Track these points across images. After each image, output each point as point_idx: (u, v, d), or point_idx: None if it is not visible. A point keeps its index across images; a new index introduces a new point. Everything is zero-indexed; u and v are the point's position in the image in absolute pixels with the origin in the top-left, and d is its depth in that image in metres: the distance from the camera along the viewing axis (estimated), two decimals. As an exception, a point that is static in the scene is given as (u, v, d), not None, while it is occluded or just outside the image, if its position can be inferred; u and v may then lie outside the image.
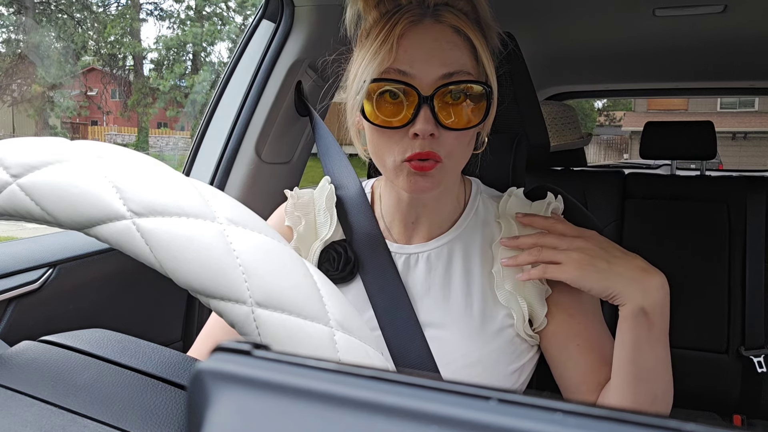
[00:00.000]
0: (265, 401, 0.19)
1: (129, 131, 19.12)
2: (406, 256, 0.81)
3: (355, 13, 0.76)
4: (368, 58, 0.69)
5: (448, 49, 0.69)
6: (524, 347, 0.78)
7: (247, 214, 0.40)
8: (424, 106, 0.68)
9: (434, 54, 0.69)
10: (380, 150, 0.73)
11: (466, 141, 0.72)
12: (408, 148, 0.69)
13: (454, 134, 0.70)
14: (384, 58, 0.68)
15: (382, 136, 0.71)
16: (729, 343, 1.66)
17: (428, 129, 0.68)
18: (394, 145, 0.70)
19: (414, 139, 0.69)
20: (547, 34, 1.72)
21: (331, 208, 0.84)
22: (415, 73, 0.68)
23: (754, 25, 1.55)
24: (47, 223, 0.39)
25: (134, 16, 19.02)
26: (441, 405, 0.17)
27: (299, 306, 0.37)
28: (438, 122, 0.68)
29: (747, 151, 20.80)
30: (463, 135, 0.71)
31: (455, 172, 0.76)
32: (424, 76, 0.68)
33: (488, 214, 0.83)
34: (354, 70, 0.73)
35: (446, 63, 0.69)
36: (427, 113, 0.68)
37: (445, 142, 0.70)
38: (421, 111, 0.68)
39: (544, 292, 0.77)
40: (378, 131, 0.71)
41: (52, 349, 0.43)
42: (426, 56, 0.68)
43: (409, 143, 0.69)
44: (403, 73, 0.68)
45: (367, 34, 0.73)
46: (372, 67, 0.69)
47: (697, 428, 0.16)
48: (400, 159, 0.70)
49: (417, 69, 0.68)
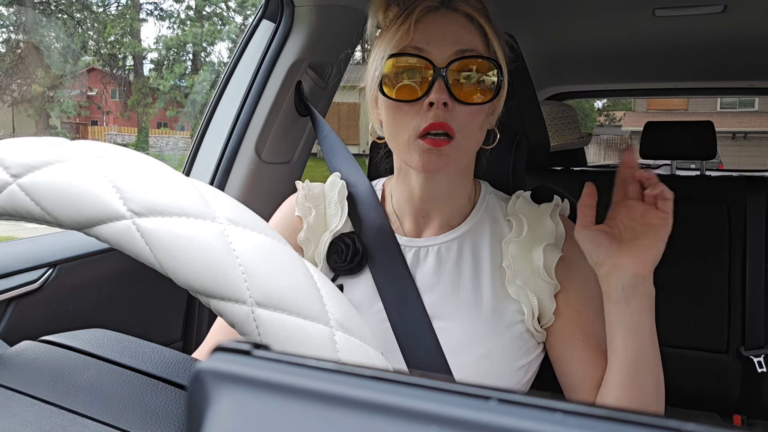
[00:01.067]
0: (265, 401, 0.19)
1: (129, 131, 19.12)
2: (416, 249, 0.81)
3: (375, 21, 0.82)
4: (387, 40, 0.75)
5: (461, 32, 0.74)
6: (532, 344, 0.78)
7: (247, 214, 0.40)
8: (439, 78, 0.72)
9: (448, 33, 0.73)
10: (396, 127, 0.75)
11: (478, 123, 0.75)
12: (422, 121, 0.72)
13: (467, 110, 0.73)
14: (402, 37, 0.73)
15: (399, 112, 0.75)
16: (729, 343, 1.66)
17: (442, 98, 0.71)
18: (410, 120, 0.73)
19: (428, 111, 0.72)
20: (547, 34, 1.72)
21: (343, 200, 0.86)
22: (430, 50, 0.73)
23: (754, 25, 1.55)
24: (47, 223, 0.39)
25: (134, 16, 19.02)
26: (441, 405, 0.17)
27: (299, 306, 0.37)
28: (451, 95, 0.72)
29: (747, 151, 20.79)
30: (475, 113, 0.74)
31: (467, 155, 0.78)
32: (439, 51, 0.72)
33: (497, 212, 0.84)
34: (373, 55, 0.78)
35: (459, 42, 0.73)
36: (441, 84, 0.71)
37: (459, 116, 0.73)
38: (435, 82, 0.72)
39: (553, 288, 0.77)
40: (394, 108, 0.75)
41: (52, 349, 0.43)
42: (440, 35, 0.73)
43: (424, 116, 0.72)
44: (419, 49, 0.73)
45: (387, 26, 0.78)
46: (390, 46, 0.74)
47: (697, 428, 0.16)
48: (415, 134, 0.73)
49: (432, 46, 0.73)
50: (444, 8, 0.75)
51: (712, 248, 1.69)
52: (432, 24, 0.74)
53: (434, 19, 0.74)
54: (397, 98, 0.74)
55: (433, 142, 0.72)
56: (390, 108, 0.75)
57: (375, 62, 0.76)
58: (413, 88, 0.73)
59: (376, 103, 0.81)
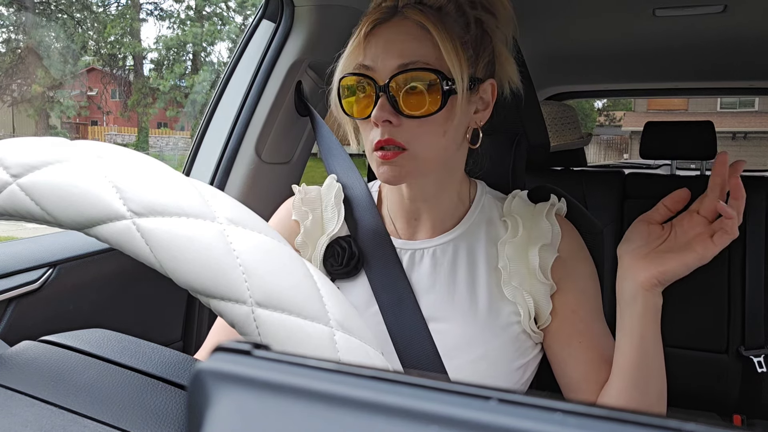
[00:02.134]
0: (265, 401, 0.19)
1: (129, 131, 19.12)
2: (412, 252, 0.81)
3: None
4: (343, 58, 0.76)
5: (407, 41, 0.72)
6: (529, 344, 0.78)
7: (247, 214, 0.40)
8: (381, 94, 0.72)
9: (393, 47, 0.73)
10: (363, 140, 0.78)
11: (435, 130, 0.73)
12: (375, 137, 0.73)
13: (417, 122, 0.72)
14: (353, 55, 0.75)
15: (360, 127, 0.78)
16: (729, 343, 1.66)
17: (383, 116, 0.71)
18: (367, 135, 0.75)
19: (376, 127, 0.73)
20: (547, 34, 1.72)
21: (339, 204, 0.86)
22: (375, 66, 0.73)
23: (754, 25, 1.55)
24: (47, 223, 0.39)
25: (134, 16, 19.01)
26: (441, 405, 0.17)
27: (299, 306, 0.37)
28: (397, 110, 0.72)
29: (747, 151, 20.78)
30: (427, 123, 0.73)
31: (428, 162, 0.75)
32: (382, 68, 0.72)
33: (493, 213, 0.84)
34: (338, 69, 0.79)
35: (403, 54, 0.72)
36: (383, 101, 0.72)
37: (408, 129, 0.72)
38: (378, 100, 0.72)
39: (549, 288, 0.77)
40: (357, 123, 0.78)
41: (52, 349, 0.43)
42: (385, 49, 0.73)
43: (375, 132, 0.73)
44: (366, 67, 0.74)
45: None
46: (344, 65, 0.76)
47: (697, 428, 0.16)
48: (370, 148, 0.74)
49: (377, 62, 0.73)
50: (397, 17, 0.73)
51: (712, 248, 1.68)
52: (380, 38, 0.73)
53: (383, 31, 0.73)
54: (351, 115, 0.76)
55: (383, 155, 0.73)
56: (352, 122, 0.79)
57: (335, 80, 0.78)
58: (364, 105, 0.74)
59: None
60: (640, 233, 0.70)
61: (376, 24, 0.74)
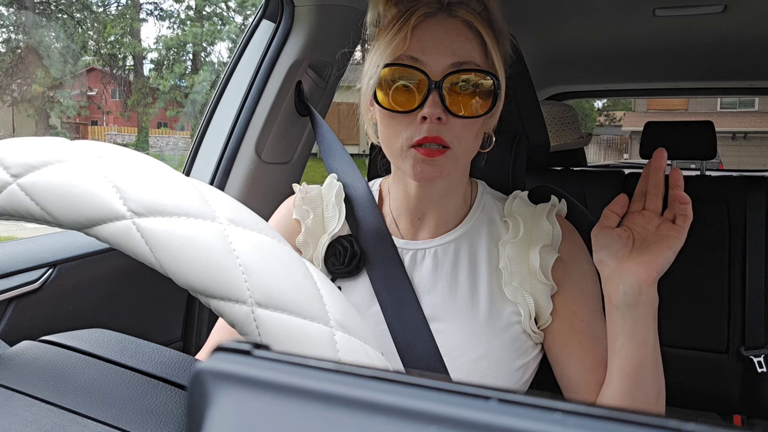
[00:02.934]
0: (265, 401, 0.19)
1: (129, 131, 19.11)
2: (413, 252, 0.81)
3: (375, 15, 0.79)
4: (383, 46, 0.73)
5: (459, 41, 0.72)
6: (529, 344, 0.78)
7: (248, 214, 0.40)
8: (433, 91, 0.70)
9: (445, 44, 0.72)
10: (389, 135, 0.75)
11: (474, 132, 0.74)
12: (416, 133, 0.72)
13: (462, 122, 0.72)
14: (398, 45, 0.71)
15: (392, 121, 0.74)
16: (729, 343, 1.66)
17: (436, 112, 0.70)
18: (403, 130, 0.73)
19: (422, 124, 0.71)
20: (548, 34, 1.72)
21: (340, 203, 0.86)
22: (426, 60, 0.71)
23: (754, 25, 1.55)
24: (47, 223, 0.39)
25: (134, 16, 19.01)
26: (441, 405, 0.17)
27: (299, 306, 0.37)
28: (446, 109, 0.71)
29: (747, 151, 20.78)
30: (470, 125, 0.73)
31: (462, 164, 0.77)
32: (434, 63, 0.71)
33: (494, 213, 0.84)
34: (368, 60, 0.76)
35: (456, 53, 0.71)
36: (436, 98, 0.70)
37: (453, 129, 0.72)
38: (430, 95, 0.70)
39: (550, 289, 0.77)
40: (388, 116, 0.74)
41: (52, 349, 0.43)
42: (437, 45, 0.71)
43: (417, 128, 0.71)
44: (415, 60, 0.71)
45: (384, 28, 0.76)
46: (386, 54, 0.72)
47: (697, 428, 0.16)
48: (408, 144, 0.72)
49: (428, 56, 0.71)
50: (442, 13, 0.73)
51: (712, 248, 1.69)
52: (429, 32, 0.72)
53: (431, 26, 0.72)
54: (390, 108, 0.73)
55: (427, 152, 0.71)
56: (384, 116, 0.75)
57: (370, 68, 0.74)
58: (407, 99, 0.72)
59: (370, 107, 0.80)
60: (612, 238, 0.70)
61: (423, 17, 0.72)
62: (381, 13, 0.78)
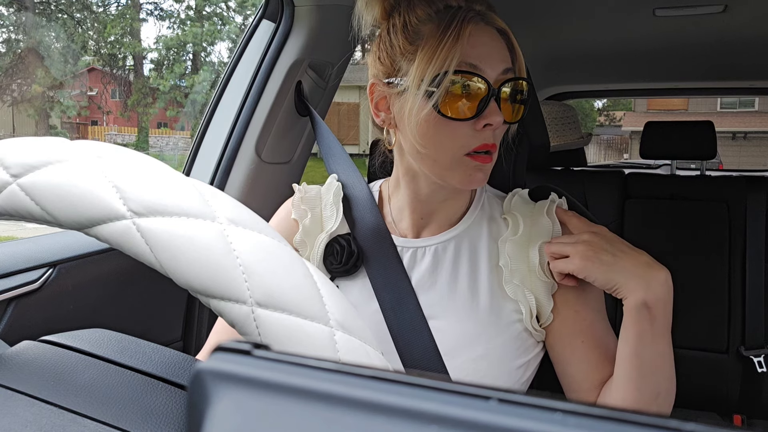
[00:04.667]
0: (265, 401, 0.19)
1: (129, 131, 19.11)
2: (413, 250, 0.81)
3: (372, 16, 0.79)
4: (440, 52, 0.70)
5: (502, 48, 0.74)
6: (530, 343, 0.78)
7: (248, 214, 0.40)
8: (494, 98, 0.71)
9: (495, 50, 0.73)
10: (443, 143, 0.73)
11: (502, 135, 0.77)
12: (473, 140, 0.72)
13: (503, 128, 0.75)
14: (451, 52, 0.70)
15: (446, 128, 0.72)
16: (729, 343, 1.66)
17: (500, 120, 0.71)
18: (457, 139, 0.72)
19: (482, 131, 0.72)
20: (548, 34, 1.72)
21: (338, 202, 0.85)
22: (483, 67, 0.71)
23: (754, 25, 1.55)
24: (47, 223, 0.39)
25: (134, 16, 19.01)
26: (441, 405, 0.17)
27: (299, 306, 0.37)
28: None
29: (747, 151, 20.78)
30: (505, 129, 0.77)
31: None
32: (490, 70, 0.72)
33: (494, 210, 0.84)
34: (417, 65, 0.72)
35: (505, 60, 0.73)
36: (495, 105, 0.71)
37: (500, 133, 0.75)
38: (491, 102, 0.71)
39: (550, 287, 0.77)
40: (442, 124, 0.72)
41: (52, 349, 0.43)
42: (490, 52, 0.72)
43: (474, 135, 0.72)
44: (474, 66, 0.71)
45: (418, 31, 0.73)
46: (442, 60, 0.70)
47: (697, 428, 0.16)
48: (462, 152, 0.73)
49: (484, 63, 0.71)
50: (482, 21, 0.73)
51: (712, 248, 1.69)
52: (479, 39, 0.72)
53: (479, 33, 0.72)
54: (451, 116, 0.71)
55: (482, 159, 0.73)
56: (437, 124, 0.72)
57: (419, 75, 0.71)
58: (468, 107, 0.71)
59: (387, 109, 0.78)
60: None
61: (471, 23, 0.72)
62: (377, 15, 0.78)
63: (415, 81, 0.71)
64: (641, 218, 1.75)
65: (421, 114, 0.72)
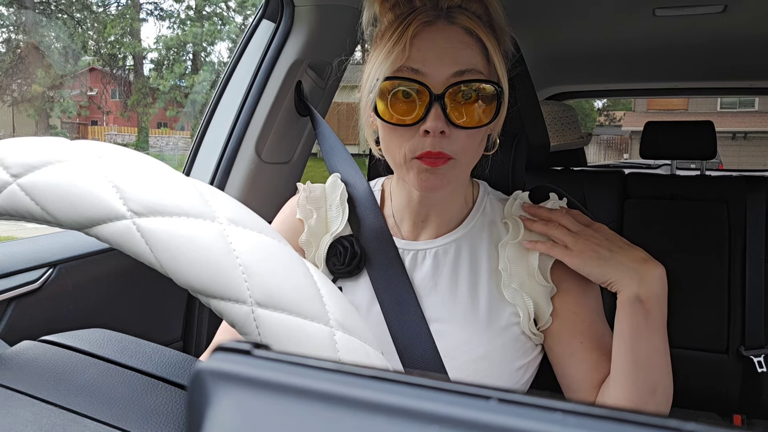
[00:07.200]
0: (265, 401, 0.19)
1: (129, 131, 19.11)
2: (414, 253, 0.81)
3: (371, 15, 0.78)
4: (382, 57, 0.71)
5: (460, 49, 0.70)
6: (529, 345, 0.78)
7: (248, 214, 0.40)
8: (435, 104, 0.69)
9: (446, 53, 0.70)
10: (392, 147, 0.74)
11: (478, 140, 0.74)
12: (418, 146, 0.71)
13: (465, 133, 0.71)
14: (397, 56, 0.69)
15: (394, 133, 0.73)
16: (729, 343, 1.66)
17: (438, 126, 0.69)
18: (405, 142, 0.72)
19: (425, 137, 0.70)
20: (548, 34, 1.72)
21: (344, 203, 0.85)
22: (427, 72, 0.69)
23: (754, 25, 1.55)
24: (47, 223, 0.39)
25: (134, 16, 19.00)
26: (441, 405, 0.17)
27: (299, 306, 0.37)
28: (449, 120, 0.70)
29: (747, 151, 20.78)
30: (474, 134, 0.72)
31: (466, 171, 0.77)
32: (435, 74, 0.69)
33: (495, 214, 0.84)
34: (368, 69, 0.74)
35: (458, 62, 0.70)
36: (438, 111, 0.69)
37: (456, 140, 0.71)
38: (432, 109, 0.69)
39: (549, 290, 0.77)
40: (390, 128, 0.73)
41: (53, 349, 0.43)
42: (438, 55, 0.70)
43: (420, 141, 0.70)
44: (416, 71, 0.70)
45: (381, 35, 0.75)
46: (385, 66, 0.70)
47: (697, 428, 0.16)
48: (411, 156, 0.72)
49: (429, 67, 0.69)
50: (442, 21, 0.71)
51: (712, 248, 1.69)
52: (429, 41, 0.70)
53: (431, 35, 0.70)
54: (392, 121, 0.71)
55: (431, 162, 0.70)
56: (386, 129, 0.73)
57: (370, 79, 0.72)
58: (409, 111, 0.70)
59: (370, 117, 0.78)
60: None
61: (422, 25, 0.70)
62: (377, 15, 0.77)
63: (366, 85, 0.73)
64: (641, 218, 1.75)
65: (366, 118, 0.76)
